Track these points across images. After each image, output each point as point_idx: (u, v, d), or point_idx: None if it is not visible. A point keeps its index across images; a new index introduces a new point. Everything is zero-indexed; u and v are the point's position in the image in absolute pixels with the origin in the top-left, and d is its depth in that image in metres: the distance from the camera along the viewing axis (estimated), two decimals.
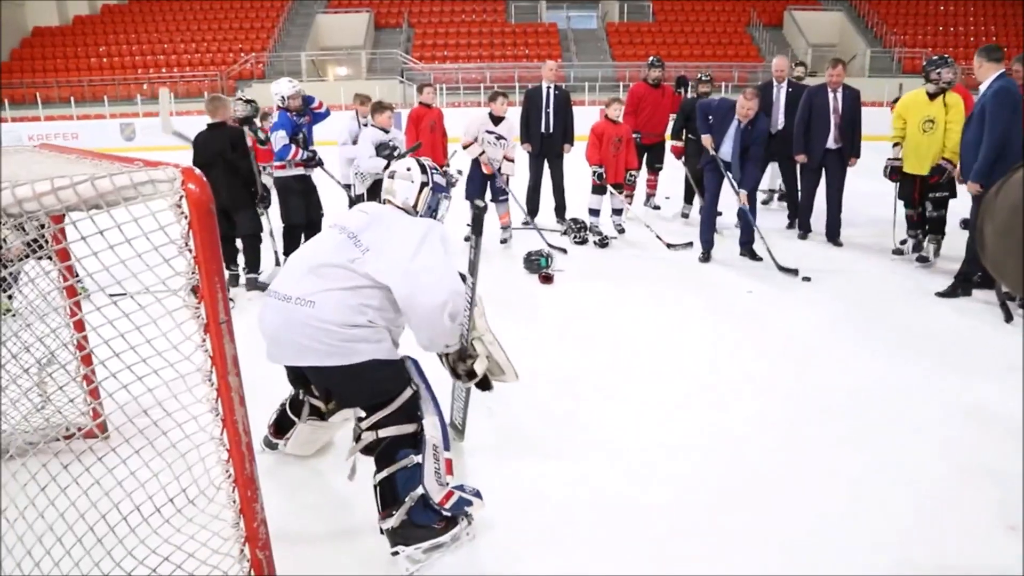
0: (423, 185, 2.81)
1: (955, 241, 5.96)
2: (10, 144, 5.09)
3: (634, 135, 7.81)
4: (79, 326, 2.41)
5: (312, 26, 23.95)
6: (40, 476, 1.82)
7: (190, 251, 1.68)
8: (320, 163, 6.08)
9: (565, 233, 7.19)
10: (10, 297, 3.27)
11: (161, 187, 1.65)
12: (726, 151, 6.18)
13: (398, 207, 2.80)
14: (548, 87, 7.52)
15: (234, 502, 1.82)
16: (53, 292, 2.58)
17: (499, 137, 6.77)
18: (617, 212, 7.39)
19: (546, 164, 7.59)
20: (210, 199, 1.69)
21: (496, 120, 6.81)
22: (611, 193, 7.09)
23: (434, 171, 2.88)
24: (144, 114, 18.79)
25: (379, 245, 2.53)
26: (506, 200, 6.96)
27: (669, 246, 6.77)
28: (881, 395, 3.74)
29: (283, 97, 5.97)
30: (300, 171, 5.98)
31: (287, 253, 6.01)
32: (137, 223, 1.64)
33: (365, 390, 2.54)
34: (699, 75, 8.03)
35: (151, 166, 1.72)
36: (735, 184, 6.15)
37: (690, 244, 6.73)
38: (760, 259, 6.23)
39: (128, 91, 20.08)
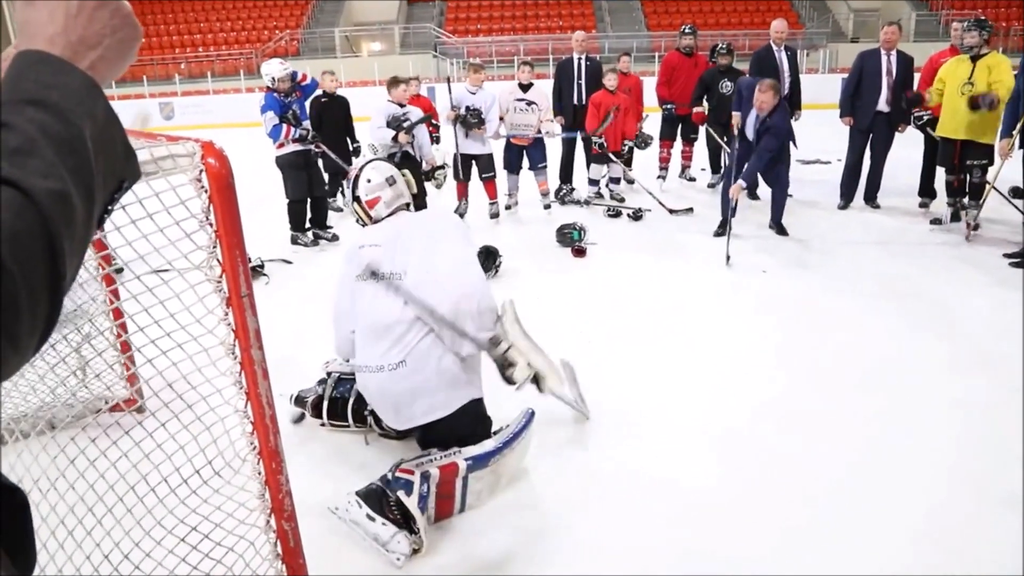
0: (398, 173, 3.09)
1: (1000, 210, 5.78)
2: None
3: (666, 106, 7.74)
4: (116, 294, 2.48)
5: (345, 2, 23.93)
6: (69, 448, 1.86)
7: (211, 225, 1.69)
8: (316, 138, 6.08)
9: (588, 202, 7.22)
10: None
11: (181, 161, 1.65)
12: (750, 132, 6.00)
13: (405, 207, 3.05)
14: (579, 58, 7.43)
15: (259, 474, 1.84)
16: (90, 262, 2.61)
17: (529, 103, 6.74)
18: (615, 181, 7.46)
19: (579, 135, 7.52)
20: (230, 172, 1.69)
21: (525, 88, 6.81)
22: (610, 162, 7.14)
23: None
24: (182, 93, 19.02)
25: (415, 263, 2.71)
26: (545, 168, 6.97)
27: (671, 212, 6.82)
28: (916, 368, 3.65)
29: (274, 79, 5.95)
30: (298, 147, 6.01)
31: (294, 228, 6.12)
32: (159, 197, 1.64)
33: (467, 430, 2.71)
34: (718, 45, 7.82)
35: (172, 141, 1.73)
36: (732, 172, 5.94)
37: (691, 210, 6.84)
38: (787, 234, 6.08)
39: (167, 71, 20.32)
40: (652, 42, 20.50)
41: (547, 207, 7.03)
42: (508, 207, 7.09)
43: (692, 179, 8.39)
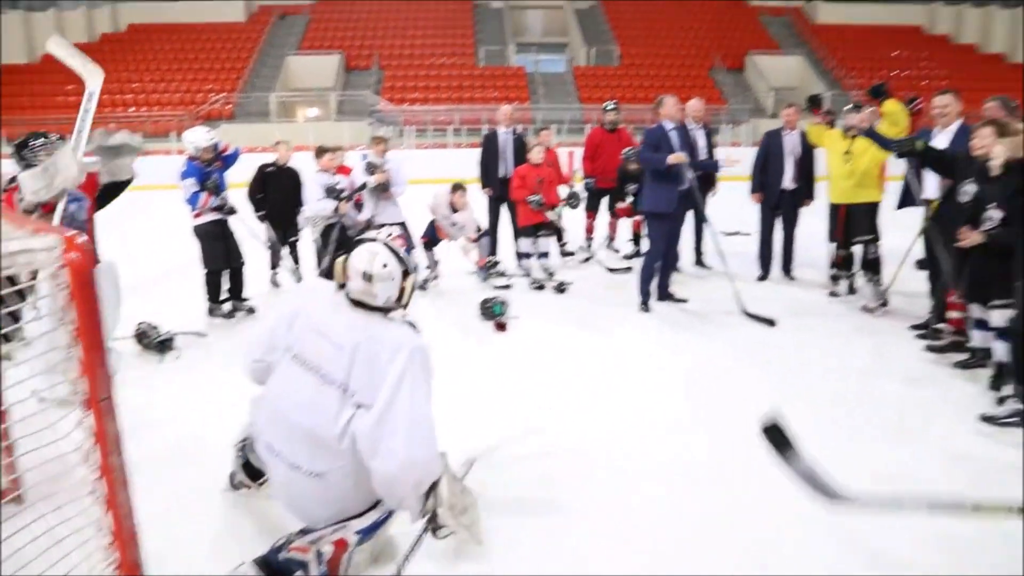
0: (405, 274, 2.67)
1: (911, 282, 6.01)
2: None
3: (587, 181, 7.91)
4: None
5: (282, 67, 24.05)
6: None
7: (71, 324, 1.59)
8: (232, 210, 5.98)
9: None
10: None
11: (39, 256, 1.57)
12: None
13: (376, 308, 2.65)
14: (505, 131, 7.56)
15: None
16: None
17: (453, 224, 6.78)
18: (544, 255, 7.25)
19: (505, 208, 7.61)
20: (92, 265, 1.61)
21: (455, 209, 6.81)
22: (538, 236, 7.13)
23: (401, 245, 2.76)
24: None
25: (364, 393, 2.50)
26: (479, 239, 7.00)
27: (610, 270, 7.09)
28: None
29: (197, 147, 5.88)
30: (216, 217, 5.90)
31: (210, 299, 5.96)
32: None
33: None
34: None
35: (38, 231, 1.64)
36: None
37: (629, 269, 6.99)
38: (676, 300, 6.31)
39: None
40: (584, 114, 21.08)
41: (485, 279, 7.01)
42: (424, 286, 6.83)
43: (617, 251, 8.50)
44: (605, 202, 8.19)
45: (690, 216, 6.92)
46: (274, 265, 7.04)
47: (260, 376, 2.81)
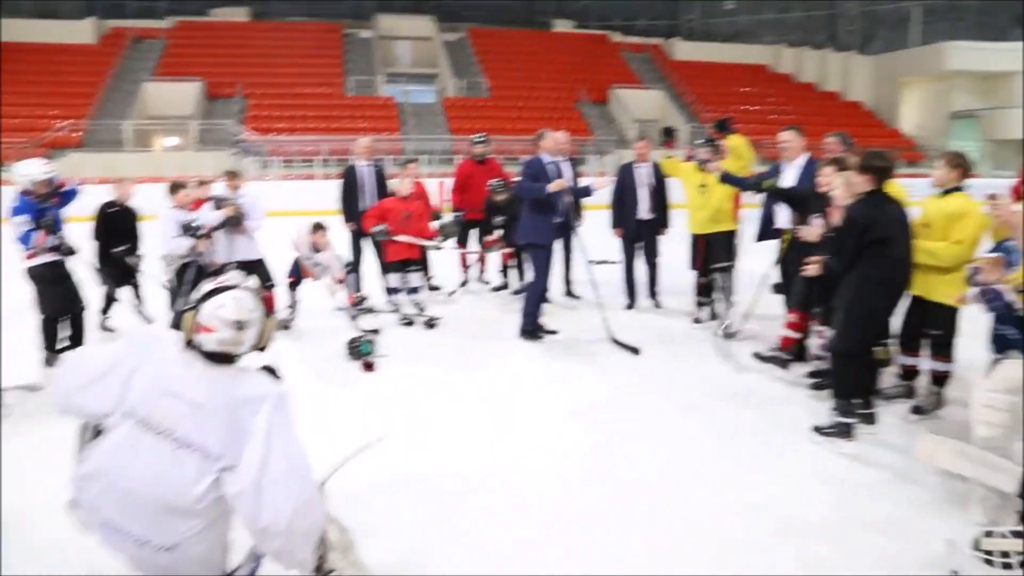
0: (265, 315, 2.49)
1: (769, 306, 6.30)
2: None
3: (457, 214, 7.82)
4: None
5: (138, 94, 22.81)
6: None
7: None
8: (71, 251, 5.51)
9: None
10: None
11: None
12: None
13: (230, 359, 2.45)
14: (364, 164, 7.44)
15: None
16: None
17: (317, 265, 6.46)
18: (414, 290, 7.03)
19: (370, 242, 7.37)
20: None
21: (317, 249, 6.49)
22: (407, 271, 6.92)
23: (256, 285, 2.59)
24: None
25: (229, 452, 2.28)
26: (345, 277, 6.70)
27: (449, 294, 7.42)
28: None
29: (32, 181, 5.39)
30: (53, 257, 5.39)
31: (48, 348, 5.46)
32: None
33: None
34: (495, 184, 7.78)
35: None
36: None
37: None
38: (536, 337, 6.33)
39: None
40: (454, 145, 21.18)
41: (354, 317, 6.54)
42: (287, 326, 6.60)
43: (487, 283, 8.49)
44: (475, 234, 8.17)
45: (558, 246, 7.01)
46: (105, 309, 6.55)
47: (80, 410, 2.50)
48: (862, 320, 4.15)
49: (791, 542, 3.18)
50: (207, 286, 2.51)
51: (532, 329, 6.27)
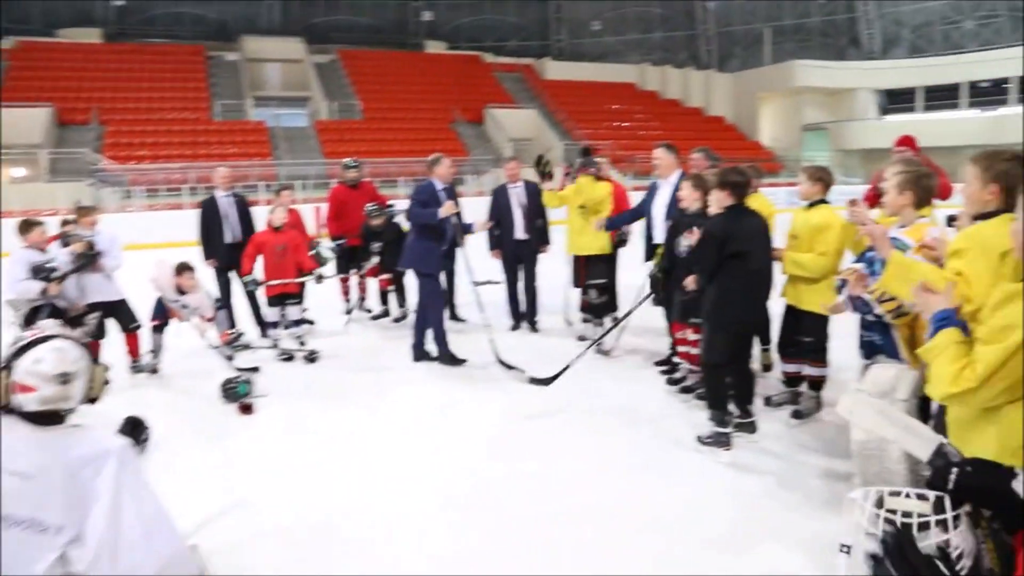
0: (91, 363, 2.27)
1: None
2: None
3: (338, 242, 7.56)
4: None
5: None
6: None
7: None
8: None
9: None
10: None
11: None
12: None
13: (59, 417, 2.19)
14: (225, 194, 7.08)
15: None
16: None
17: (184, 307, 5.90)
18: (296, 323, 6.76)
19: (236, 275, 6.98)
20: None
21: (182, 291, 5.93)
22: (285, 305, 6.64)
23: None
24: None
25: (71, 522, 2.05)
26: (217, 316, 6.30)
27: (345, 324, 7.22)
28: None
29: None
30: None
31: None
32: None
33: None
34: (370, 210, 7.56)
35: None
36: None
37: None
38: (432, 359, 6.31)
39: None
40: (328, 169, 20.72)
41: (229, 357, 5.99)
42: (155, 370, 6.16)
43: (369, 311, 8.26)
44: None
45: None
46: None
47: None
48: (725, 331, 4.32)
49: (687, 555, 3.22)
50: (18, 341, 2.23)
51: (448, 353, 6.20)
